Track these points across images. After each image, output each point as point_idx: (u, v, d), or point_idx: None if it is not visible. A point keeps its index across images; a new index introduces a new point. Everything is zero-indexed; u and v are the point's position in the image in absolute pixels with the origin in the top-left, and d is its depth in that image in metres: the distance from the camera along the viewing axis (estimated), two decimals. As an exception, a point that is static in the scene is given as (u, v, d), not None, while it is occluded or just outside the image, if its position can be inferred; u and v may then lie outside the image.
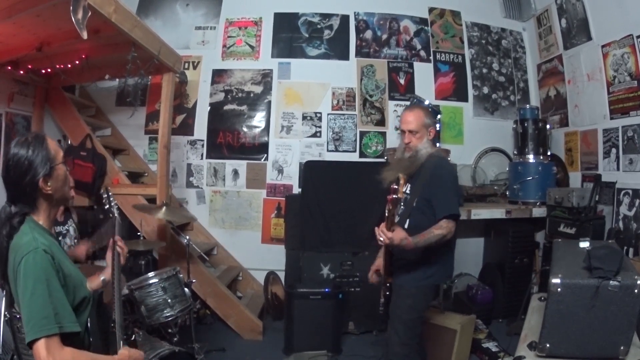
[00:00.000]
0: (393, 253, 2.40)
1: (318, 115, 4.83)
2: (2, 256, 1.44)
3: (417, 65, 4.95)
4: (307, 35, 4.90)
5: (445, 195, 2.35)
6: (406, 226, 2.40)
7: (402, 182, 2.12)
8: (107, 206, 1.89)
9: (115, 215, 1.87)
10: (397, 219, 2.43)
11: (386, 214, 2.15)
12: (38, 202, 1.47)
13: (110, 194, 1.93)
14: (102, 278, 1.76)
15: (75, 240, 2.97)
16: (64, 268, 1.43)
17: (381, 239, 2.20)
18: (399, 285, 2.45)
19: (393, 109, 4.83)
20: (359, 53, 4.92)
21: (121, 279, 1.78)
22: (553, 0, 4.41)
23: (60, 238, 2.98)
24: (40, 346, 1.28)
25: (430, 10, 5.02)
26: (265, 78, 4.86)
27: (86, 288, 1.53)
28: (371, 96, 4.89)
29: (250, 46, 4.91)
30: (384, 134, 4.83)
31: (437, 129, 4.27)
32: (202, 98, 4.87)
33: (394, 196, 2.10)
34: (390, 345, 2.49)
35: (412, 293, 2.40)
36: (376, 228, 2.21)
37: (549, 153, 4.29)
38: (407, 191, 2.47)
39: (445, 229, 2.28)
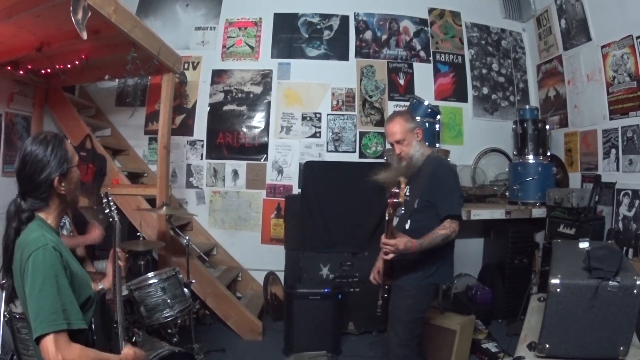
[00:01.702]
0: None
1: (318, 115, 4.84)
2: (8, 250, 1.44)
3: (417, 66, 4.96)
4: (306, 36, 4.91)
5: (447, 195, 2.35)
6: (407, 227, 2.40)
7: (402, 185, 2.11)
8: (107, 210, 1.87)
9: (116, 219, 1.87)
10: (396, 220, 2.43)
11: (387, 218, 2.14)
12: (50, 200, 1.48)
13: (110, 198, 1.92)
14: (100, 287, 1.75)
15: (71, 234, 2.97)
16: (71, 267, 1.43)
17: (387, 249, 2.19)
18: (398, 285, 2.44)
19: (393, 109, 4.83)
20: (358, 53, 4.92)
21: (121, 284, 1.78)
22: (553, 0, 4.42)
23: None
24: (49, 341, 1.27)
25: (430, 10, 5.03)
26: (264, 78, 4.86)
27: (91, 288, 1.54)
28: (371, 97, 4.89)
29: (250, 46, 4.91)
30: (383, 135, 4.81)
31: (437, 129, 4.26)
32: (202, 98, 4.87)
33: (395, 200, 2.10)
34: (389, 346, 2.48)
35: (412, 294, 2.39)
36: (381, 240, 2.20)
37: (548, 154, 4.29)
38: (407, 193, 2.47)
39: (449, 229, 2.28)
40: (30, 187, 1.46)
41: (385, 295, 2.49)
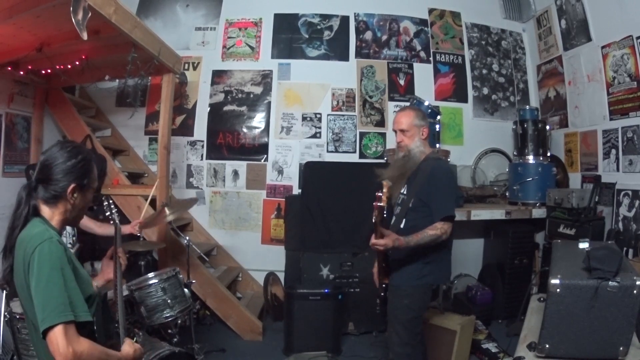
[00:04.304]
0: (388, 254, 2.41)
1: (318, 116, 4.84)
2: (15, 231, 1.45)
3: (417, 66, 4.96)
4: (307, 36, 4.91)
5: (442, 197, 2.36)
6: (402, 226, 2.42)
7: (385, 189, 2.13)
8: (108, 213, 1.88)
9: (117, 222, 1.87)
10: (393, 219, 2.45)
11: (373, 220, 2.16)
12: (59, 202, 1.49)
13: (111, 201, 1.92)
14: (95, 284, 1.76)
15: (74, 238, 2.97)
16: (74, 262, 1.45)
17: (377, 248, 2.24)
18: (395, 285, 2.47)
19: (393, 109, 4.83)
20: (358, 54, 4.92)
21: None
22: (553, 1, 4.42)
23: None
24: (58, 333, 1.26)
25: (430, 11, 5.03)
26: (265, 79, 4.87)
27: (92, 286, 1.55)
28: (371, 97, 4.89)
29: (250, 47, 4.91)
30: (383, 135, 4.83)
31: (437, 129, 4.27)
32: (202, 99, 4.87)
33: (379, 204, 2.12)
34: (391, 345, 2.49)
35: (408, 293, 2.41)
36: (370, 242, 2.25)
37: (548, 154, 4.29)
38: (404, 191, 2.49)
39: (440, 230, 2.30)
40: (46, 177, 1.47)
41: (382, 294, 2.51)
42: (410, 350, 2.41)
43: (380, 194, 2.12)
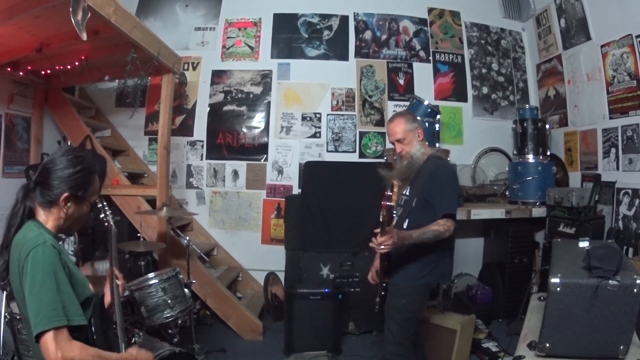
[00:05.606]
0: (390, 253, 2.40)
1: (317, 115, 4.84)
2: (12, 229, 1.45)
3: (417, 66, 4.96)
4: (306, 36, 4.91)
5: (444, 194, 2.36)
6: (405, 226, 2.41)
7: (395, 189, 2.13)
8: (102, 215, 1.85)
9: (111, 223, 1.85)
10: (396, 219, 2.45)
11: (380, 220, 2.15)
12: (53, 207, 1.49)
13: (105, 203, 1.90)
14: (106, 300, 1.75)
15: (74, 244, 2.97)
16: (70, 266, 1.44)
17: (382, 247, 2.18)
18: (394, 284, 2.47)
19: (393, 109, 4.83)
20: (358, 53, 4.92)
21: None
22: (552, 0, 4.42)
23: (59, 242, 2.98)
24: (49, 338, 1.27)
25: (430, 10, 5.03)
26: (264, 79, 4.86)
27: (89, 289, 1.54)
28: (371, 96, 4.89)
29: (250, 47, 4.91)
30: (383, 135, 4.82)
31: (437, 128, 4.26)
32: (202, 99, 4.87)
33: (388, 203, 2.10)
34: (384, 344, 2.50)
35: (406, 293, 2.41)
36: (373, 239, 2.19)
37: (548, 153, 4.29)
38: (407, 193, 2.49)
39: (442, 226, 2.28)
40: (44, 181, 1.48)
41: (383, 293, 2.51)
42: (403, 350, 2.42)
43: (390, 194, 2.11)
